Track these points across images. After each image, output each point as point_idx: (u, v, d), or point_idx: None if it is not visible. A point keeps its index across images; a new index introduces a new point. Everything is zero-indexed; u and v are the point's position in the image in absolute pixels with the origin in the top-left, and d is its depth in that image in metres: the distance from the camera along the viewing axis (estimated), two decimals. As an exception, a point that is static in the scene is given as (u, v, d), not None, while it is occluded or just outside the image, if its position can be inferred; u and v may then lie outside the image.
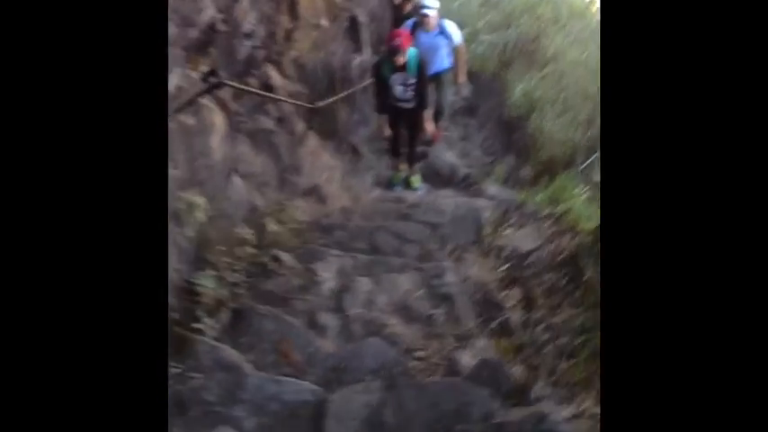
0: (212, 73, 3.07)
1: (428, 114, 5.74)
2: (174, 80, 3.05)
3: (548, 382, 2.64)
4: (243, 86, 3.83)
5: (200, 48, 3.29)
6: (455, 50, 6.51)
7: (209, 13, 3.32)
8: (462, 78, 6.85)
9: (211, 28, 3.36)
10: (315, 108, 5.10)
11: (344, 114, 6.35)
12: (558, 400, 2.44)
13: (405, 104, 5.57)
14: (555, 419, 2.17)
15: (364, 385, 2.53)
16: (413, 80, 5.42)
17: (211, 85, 3.10)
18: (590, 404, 2.42)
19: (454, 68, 6.61)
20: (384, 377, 2.63)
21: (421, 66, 5.43)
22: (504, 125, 7.78)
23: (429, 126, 5.81)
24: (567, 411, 2.26)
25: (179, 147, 3.10)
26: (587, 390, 2.56)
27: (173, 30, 2.94)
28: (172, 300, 3.02)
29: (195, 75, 3.27)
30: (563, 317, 3.30)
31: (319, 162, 5.32)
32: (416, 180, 6.14)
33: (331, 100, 5.45)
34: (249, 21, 3.94)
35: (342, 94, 5.78)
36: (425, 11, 6.23)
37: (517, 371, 2.72)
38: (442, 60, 6.43)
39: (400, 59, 5.27)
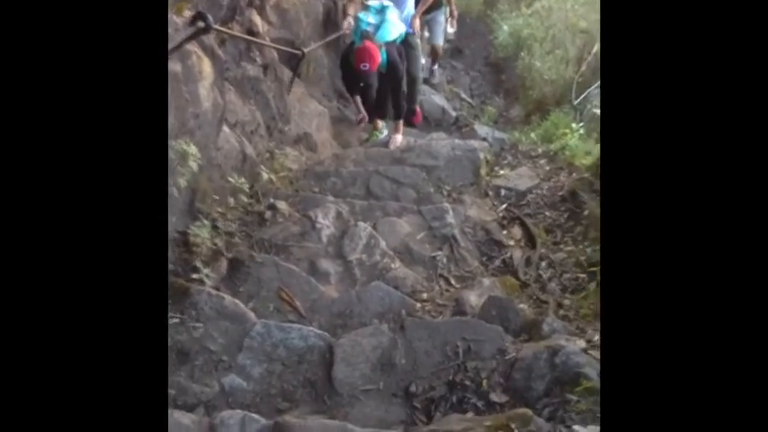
0: (200, 16, 2.91)
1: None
2: (157, 24, 2.90)
3: (557, 316, 2.61)
4: (232, 32, 3.68)
5: (183, -9, 3.12)
6: None
7: (192, -45, 3.15)
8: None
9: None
10: (300, 54, 4.94)
11: (330, 61, 6.17)
12: (569, 333, 2.41)
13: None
14: (569, 351, 2.14)
15: (372, 328, 2.49)
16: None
17: (199, 30, 2.95)
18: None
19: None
20: (391, 320, 2.59)
21: (391, 63, 4.71)
22: (491, 66, 7.65)
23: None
24: (579, 344, 2.23)
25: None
26: (596, 322, 2.54)
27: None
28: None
29: (179, 20, 3.12)
30: (566, 253, 3.26)
31: (307, 109, 5.18)
32: (380, 130, 5.49)
33: (316, 45, 5.28)
34: (231, -36, 3.76)
35: (327, 39, 5.60)
36: None
37: (525, 307, 2.69)
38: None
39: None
